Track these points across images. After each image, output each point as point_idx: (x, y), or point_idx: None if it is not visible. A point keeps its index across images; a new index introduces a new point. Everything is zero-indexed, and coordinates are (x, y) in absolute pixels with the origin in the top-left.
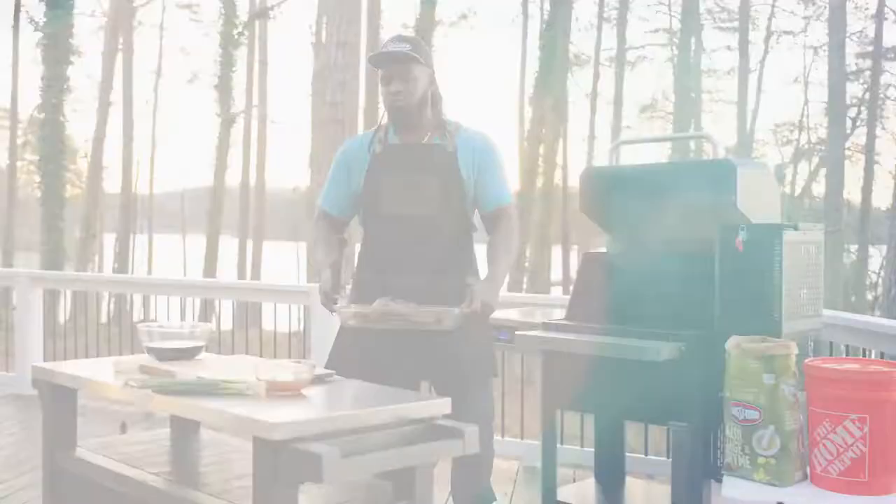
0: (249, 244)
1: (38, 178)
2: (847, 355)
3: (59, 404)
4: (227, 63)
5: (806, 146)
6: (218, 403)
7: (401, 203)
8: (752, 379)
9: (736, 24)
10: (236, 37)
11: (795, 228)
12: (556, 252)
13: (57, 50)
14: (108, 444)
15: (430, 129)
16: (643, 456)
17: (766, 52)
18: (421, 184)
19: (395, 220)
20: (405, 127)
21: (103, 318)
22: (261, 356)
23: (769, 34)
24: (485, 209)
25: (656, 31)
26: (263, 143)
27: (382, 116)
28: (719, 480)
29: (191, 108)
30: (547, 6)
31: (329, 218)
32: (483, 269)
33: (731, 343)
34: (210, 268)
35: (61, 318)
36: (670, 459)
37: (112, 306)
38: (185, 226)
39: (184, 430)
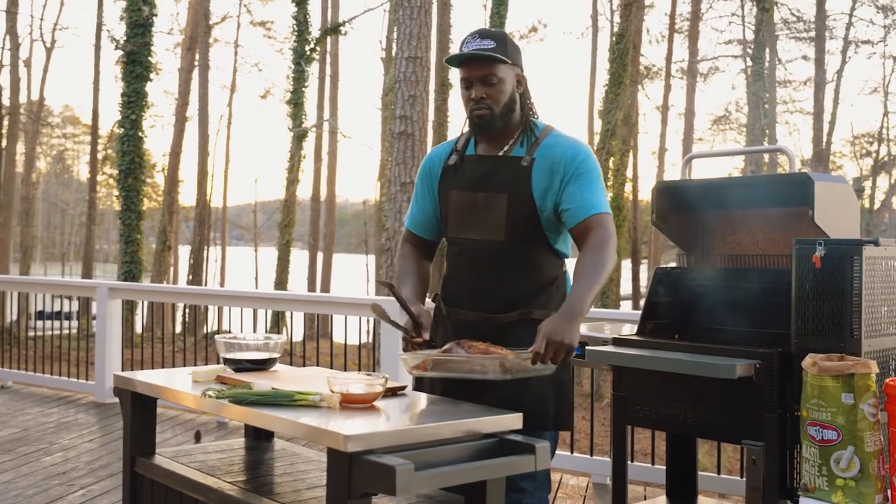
0: (319, 256)
1: (116, 192)
2: None
3: (139, 412)
4: (299, 78)
5: (886, 158)
6: (293, 414)
7: (465, 225)
8: (830, 398)
9: (812, 34)
10: (308, 52)
11: (876, 244)
12: (626, 266)
13: (136, 67)
14: (186, 452)
15: (513, 138)
16: (715, 475)
17: (843, 62)
18: (485, 204)
19: (461, 244)
20: (487, 136)
21: (178, 329)
22: (331, 367)
23: (847, 44)
24: (571, 225)
25: (729, 41)
26: (334, 157)
27: (466, 123)
28: (795, 501)
29: (264, 123)
30: (617, 18)
31: (415, 239)
32: None
33: (808, 361)
34: (281, 279)
35: (138, 328)
36: (744, 479)
37: (186, 316)
38: (257, 238)
39: (258, 440)
